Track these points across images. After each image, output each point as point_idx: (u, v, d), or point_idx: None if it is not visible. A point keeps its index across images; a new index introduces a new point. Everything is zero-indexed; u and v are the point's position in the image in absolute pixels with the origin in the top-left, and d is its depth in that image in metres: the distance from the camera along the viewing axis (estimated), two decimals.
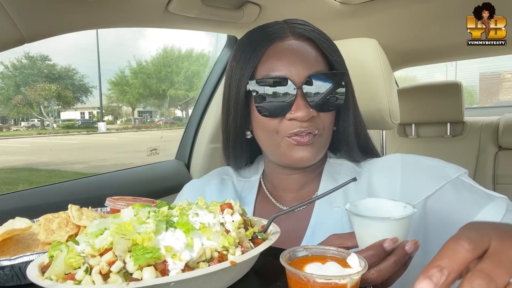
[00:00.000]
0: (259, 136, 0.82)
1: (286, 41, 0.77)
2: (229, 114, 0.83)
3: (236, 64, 0.80)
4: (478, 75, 15.01)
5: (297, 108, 0.73)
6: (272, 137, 0.78)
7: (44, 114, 16.76)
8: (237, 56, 0.81)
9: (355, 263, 0.48)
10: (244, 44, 0.81)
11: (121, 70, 19.41)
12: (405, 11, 1.56)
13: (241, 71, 0.78)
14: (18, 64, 15.23)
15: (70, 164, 9.28)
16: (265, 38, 0.78)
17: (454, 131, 2.28)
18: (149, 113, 22.29)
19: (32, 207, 1.17)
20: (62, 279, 0.45)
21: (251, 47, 0.78)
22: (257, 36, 0.80)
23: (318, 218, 0.78)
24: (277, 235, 0.58)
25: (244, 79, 0.77)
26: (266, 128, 0.77)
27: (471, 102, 15.71)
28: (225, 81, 0.84)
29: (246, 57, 0.78)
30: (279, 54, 0.76)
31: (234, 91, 0.80)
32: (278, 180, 0.87)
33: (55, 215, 0.68)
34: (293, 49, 0.76)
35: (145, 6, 1.14)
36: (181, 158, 1.85)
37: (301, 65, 0.75)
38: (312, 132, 0.75)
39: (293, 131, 0.74)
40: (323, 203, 0.79)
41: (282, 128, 0.75)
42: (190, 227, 0.49)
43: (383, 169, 0.79)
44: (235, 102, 0.80)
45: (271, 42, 0.77)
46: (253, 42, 0.79)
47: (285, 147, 0.77)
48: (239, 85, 0.79)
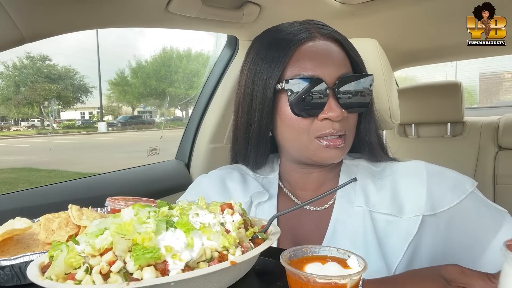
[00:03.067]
0: (284, 135, 0.80)
1: (316, 41, 0.77)
2: (252, 113, 0.81)
3: (261, 62, 0.79)
4: (478, 75, 15.02)
5: (330, 108, 0.73)
6: (301, 137, 0.77)
7: (44, 114, 16.76)
8: (261, 54, 0.80)
9: (355, 263, 0.48)
10: (269, 42, 0.80)
11: (121, 70, 19.42)
12: (405, 11, 1.56)
13: (268, 70, 0.77)
14: (18, 64, 15.24)
15: (70, 164, 9.28)
16: (293, 37, 0.77)
17: (454, 131, 2.28)
18: (149, 113, 22.30)
19: (32, 207, 1.17)
20: (62, 279, 0.45)
21: (279, 46, 0.77)
22: (283, 35, 0.79)
23: (339, 217, 0.78)
24: (277, 235, 0.58)
25: (274, 77, 0.76)
26: (297, 128, 0.76)
27: (471, 102, 15.71)
28: (246, 79, 0.82)
29: (274, 55, 0.77)
30: (311, 54, 0.75)
31: (261, 90, 0.78)
32: (297, 178, 0.87)
33: (55, 215, 0.68)
34: (324, 49, 0.77)
35: (145, 6, 1.14)
36: (181, 158, 1.85)
37: (333, 65, 0.75)
38: (342, 133, 0.76)
39: (324, 132, 0.74)
40: (343, 203, 0.79)
41: (314, 128, 0.75)
42: (190, 227, 0.49)
43: (409, 174, 0.79)
44: (261, 100, 0.78)
45: (300, 41, 0.76)
46: (280, 41, 0.78)
47: (314, 149, 0.76)
48: (267, 84, 0.77)
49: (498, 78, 15.27)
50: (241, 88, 0.84)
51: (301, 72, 0.75)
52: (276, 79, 0.76)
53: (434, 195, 0.73)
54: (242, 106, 0.84)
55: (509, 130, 2.12)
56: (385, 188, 0.78)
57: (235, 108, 0.88)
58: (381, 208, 0.75)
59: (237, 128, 0.87)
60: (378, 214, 0.75)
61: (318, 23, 0.81)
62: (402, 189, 0.76)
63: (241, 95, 0.84)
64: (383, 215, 0.74)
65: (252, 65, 0.81)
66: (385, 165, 0.84)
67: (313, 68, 0.74)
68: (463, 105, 2.18)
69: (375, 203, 0.76)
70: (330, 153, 0.76)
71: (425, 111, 2.27)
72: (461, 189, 0.74)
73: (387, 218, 0.74)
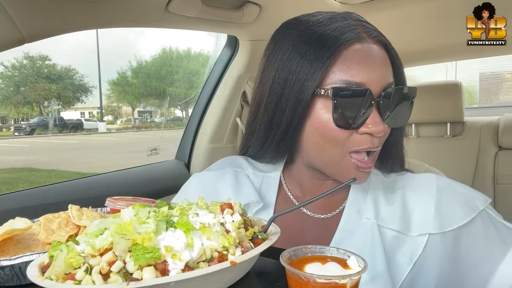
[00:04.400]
0: (313, 143, 0.71)
1: (365, 44, 0.68)
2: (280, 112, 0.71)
3: (299, 59, 0.68)
4: (478, 75, 15.01)
5: (374, 122, 0.66)
6: (334, 150, 0.69)
7: (44, 114, 16.76)
8: (299, 48, 0.69)
9: (355, 263, 0.48)
10: (309, 36, 0.69)
11: (122, 70, 19.43)
12: (405, 11, 1.56)
13: (308, 70, 0.67)
14: (18, 65, 15.25)
15: (70, 164, 9.28)
16: (340, 36, 0.67)
17: (454, 131, 2.28)
18: (149, 113, 22.30)
19: (32, 207, 1.18)
20: (62, 279, 0.45)
21: (323, 44, 0.67)
22: (327, 30, 0.68)
23: (346, 227, 0.73)
24: (277, 235, 0.58)
25: (314, 80, 0.66)
26: (333, 139, 0.68)
27: (471, 102, 15.70)
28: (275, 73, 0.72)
29: (317, 54, 0.67)
30: (359, 58, 0.67)
31: (296, 91, 0.68)
32: (308, 183, 0.80)
33: (55, 215, 0.68)
34: (373, 55, 0.68)
35: (145, 6, 1.14)
36: (181, 158, 1.85)
37: (380, 74, 0.67)
38: (378, 148, 0.70)
39: (362, 147, 0.68)
40: (352, 212, 0.75)
41: (351, 141, 0.68)
42: (190, 227, 0.49)
43: (418, 188, 0.74)
44: (295, 102, 0.69)
45: (347, 42, 0.67)
46: (324, 38, 0.67)
47: (344, 166, 0.70)
48: (305, 86, 0.67)
49: (498, 78, 15.27)
50: (267, 81, 0.74)
51: (348, 78, 0.66)
52: (316, 82, 0.66)
53: (443, 212, 0.69)
54: (268, 102, 0.74)
55: (509, 130, 2.12)
56: (396, 202, 0.74)
57: (257, 100, 0.77)
58: (390, 223, 0.71)
59: (256, 122, 0.78)
60: (386, 229, 0.71)
61: (361, 19, 0.72)
62: (410, 204, 0.72)
63: (267, 89, 0.74)
64: (391, 231, 0.70)
65: (285, 58, 0.71)
66: (395, 176, 0.80)
67: (361, 75, 0.66)
68: (463, 105, 2.18)
69: (384, 218, 0.72)
70: (359, 175, 0.69)
71: (425, 111, 2.27)
72: (471, 207, 0.69)
73: (394, 234, 0.70)
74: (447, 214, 0.69)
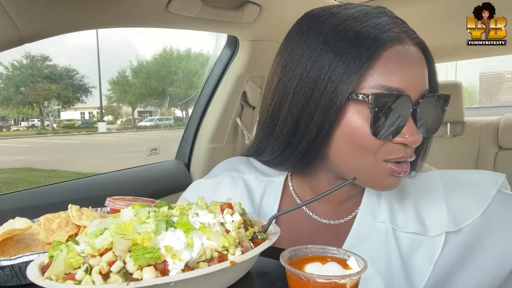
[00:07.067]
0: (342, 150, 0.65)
1: (406, 46, 0.62)
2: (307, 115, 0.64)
3: (333, 57, 0.61)
4: (478, 75, 15.01)
5: (410, 132, 0.61)
6: (366, 158, 0.63)
7: (44, 114, 16.77)
8: (332, 45, 0.62)
9: (355, 263, 0.48)
10: (344, 32, 0.62)
11: (123, 69, 19.45)
12: (405, 11, 1.55)
13: (344, 71, 0.60)
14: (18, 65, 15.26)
15: (70, 164, 9.28)
16: (380, 35, 0.61)
17: (454, 131, 2.28)
18: (149, 113, 22.30)
19: (32, 207, 1.18)
20: (62, 279, 0.45)
21: (361, 42, 0.60)
22: (365, 28, 0.62)
23: (359, 232, 0.69)
24: (277, 235, 0.58)
25: (350, 83, 0.60)
26: (366, 147, 0.62)
27: (471, 102, 15.69)
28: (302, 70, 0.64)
29: (355, 54, 0.60)
30: (400, 62, 0.61)
31: (329, 93, 0.61)
32: (324, 188, 0.74)
33: (55, 215, 0.68)
34: (414, 58, 0.62)
35: (145, 6, 1.14)
36: (181, 158, 1.85)
37: (418, 80, 0.62)
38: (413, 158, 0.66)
39: (396, 157, 0.63)
40: (367, 216, 0.71)
41: (384, 150, 0.63)
42: (190, 227, 0.49)
43: (424, 188, 0.71)
44: (327, 106, 0.61)
45: (389, 42, 0.60)
46: (362, 35, 0.61)
47: (376, 173, 0.64)
48: (339, 88, 0.60)
49: (498, 78, 15.27)
50: (291, 78, 0.66)
51: (387, 83, 0.60)
52: (353, 85, 0.60)
53: (455, 209, 0.66)
54: (293, 103, 0.65)
55: (509, 130, 2.12)
56: (408, 205, 0.70)
57: (277, 100, 0.68)
58: (405, 226, 0.67)
59: (275, 124, 0.70)
60: (401, 233, 0.67)
61: (396, 16, 0.67)
62: (422, 206, 0.69)
63: (291, 88, 0.65)
64: (407, 233, 0.67)
65: (316, 55, 0.63)
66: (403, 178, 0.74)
67: (401, 80, 0.60)
68: (463, 105, 2.19)
69: (398, 221, 0.68)
70: (392, 181, 0.64)
71: None
72: (483, 195, 0.65)
73: (411, 236, 0.66)
74: (460, 210, 0.66)
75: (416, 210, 0.69)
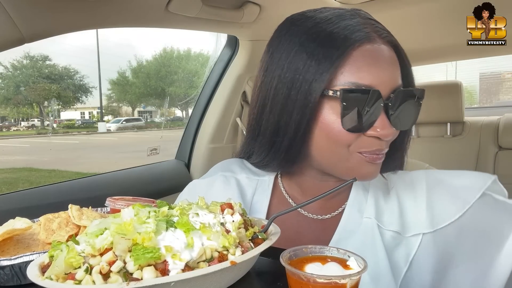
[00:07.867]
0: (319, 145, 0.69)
1: (376, 44, 0.65)
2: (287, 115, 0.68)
3: (306, 58, 0.65)
4: (478, 75, 15.02)
5: (382, 125, 0.64)
6: (340, 150, 0.67)
7: (44, 114, 16.77)
8: (306, 46, 0.65)
9: (355, 264, 0.48)
10: (317, 33, 0.66)
11: (123, 69, 19.45)
12: (405, 11, 1.56)
13: (316, 70, 0.64)
14: (18, 65, 15.25)
15: (70, 164, 9.28)
16: (350, 35, 0.64)
17: (454, 131, 2.29)
18: (149, 113, 22.31)
19: (32, 207, 1.18)
20: (62, 279, 0.45)
21: (332, 43, 0.64)
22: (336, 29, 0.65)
23: (346, 227, 0.72)
24: (277, 235, 0.58)
25: (322, 81, 0.63)
26: (340, 141, 0.66)
27: (471, 102, 15.70)
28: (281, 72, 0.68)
29: (326, 54, 0.63)
30: (369, 60, 0.64)
31: (303, 92, 0.65)
32: (310, 185, 0.78)
33: (55, 215, 0.68)
34: (383, 56, 0.65)
35: (145, 6, 1.15)
36: (181, 158, 1.86)
37: (389, 76, 0.65)
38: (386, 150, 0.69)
39: (369, 150, 0.66)
40: (352, 212, 0.73)
41: (358, 143, 0.66)
42: (190, 227, 0.49)
43: (407, 187, 0.74)
44: (303, 105, 0.65)
45: (358, 42, 0.63)
46: (332, 36, 0.64)
47: (354, 162, 0.68)
48: (312, 87, 0.64)
49: (498, 78, 15.29)
50: (271, 80, 0.70)
51: (357, 80, 0.63)
52: (324, 83, 0.63)
53: (434, 210, 0.68)
54: (273, 104, 0.69)
55: (509, 130, 2.12)
56: (392, 202, 0.73)
57: (261, 101, 0.72)
58: (388, 224, 0.70)
59: (260, 125, 0.73)
60: (385, 230, 0.70)
61: (370, 17, 0.70)
62: (404, 204, 0.72)
63: (272, 90, 0.69)
64: (389, 231, 0.70)
65: (291, 57, 0.67)
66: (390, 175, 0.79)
67: (370, 77, 0.64)
68: (463, 105, 2.18)
69: (384, 218, 0.71)
70: (370, 168, 0.68)
71: (425, 111, 2.25)
72: (465, 198, 0.67)
73: (392, 234, 0.69)
74: (438, 211, 0.67)
75: (400, 209, 0.72)
